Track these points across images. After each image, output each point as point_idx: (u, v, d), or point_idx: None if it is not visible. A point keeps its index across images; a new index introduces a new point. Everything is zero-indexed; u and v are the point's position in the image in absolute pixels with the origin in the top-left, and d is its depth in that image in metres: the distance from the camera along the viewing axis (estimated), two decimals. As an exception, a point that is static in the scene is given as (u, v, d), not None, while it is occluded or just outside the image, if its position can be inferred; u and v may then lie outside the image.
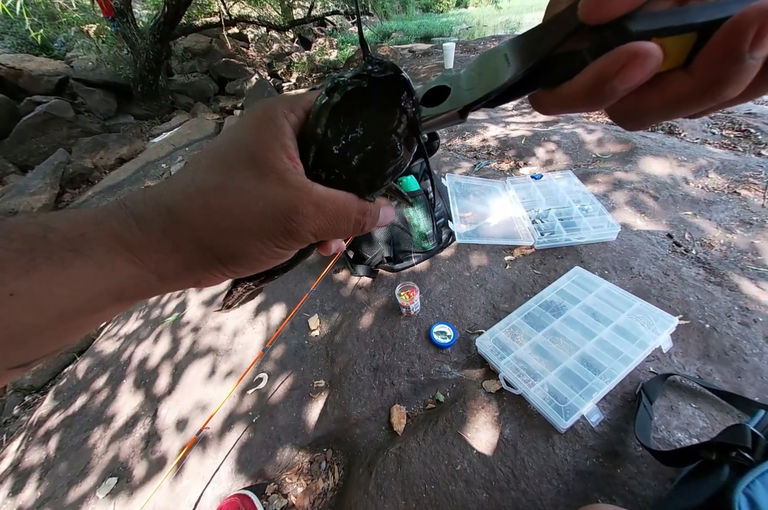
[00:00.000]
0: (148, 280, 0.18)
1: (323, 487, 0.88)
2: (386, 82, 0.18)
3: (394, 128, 0.18)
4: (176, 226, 0.18)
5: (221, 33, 6.04)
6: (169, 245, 0.18)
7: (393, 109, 0.18)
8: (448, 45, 3.18)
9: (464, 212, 1.34)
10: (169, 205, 0.18)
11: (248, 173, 0.18)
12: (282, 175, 0.18)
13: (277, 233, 0.18)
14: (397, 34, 7.00)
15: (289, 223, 0.18)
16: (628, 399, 0.80)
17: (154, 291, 0.19)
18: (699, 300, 0.94)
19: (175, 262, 0.18)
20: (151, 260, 0.18)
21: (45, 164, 3.62)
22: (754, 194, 1.27)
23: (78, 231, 0.17)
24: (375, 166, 0.19)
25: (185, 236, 0.18)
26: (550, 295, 1.00)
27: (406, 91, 0.18)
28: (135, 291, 0.18)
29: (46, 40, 5.15)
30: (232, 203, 0.18)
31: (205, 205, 0.18)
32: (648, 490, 0.67)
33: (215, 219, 0.18)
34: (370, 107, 0.18)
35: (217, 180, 0.18)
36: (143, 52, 4.28)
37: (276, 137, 0.19)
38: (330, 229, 0.20)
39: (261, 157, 0.18)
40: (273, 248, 0.19)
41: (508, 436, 0.79)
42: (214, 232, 0.18)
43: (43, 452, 1.26)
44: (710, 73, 0.12)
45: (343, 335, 1.15)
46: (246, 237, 0.18)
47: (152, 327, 1.56)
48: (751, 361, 0.81)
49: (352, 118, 0.18)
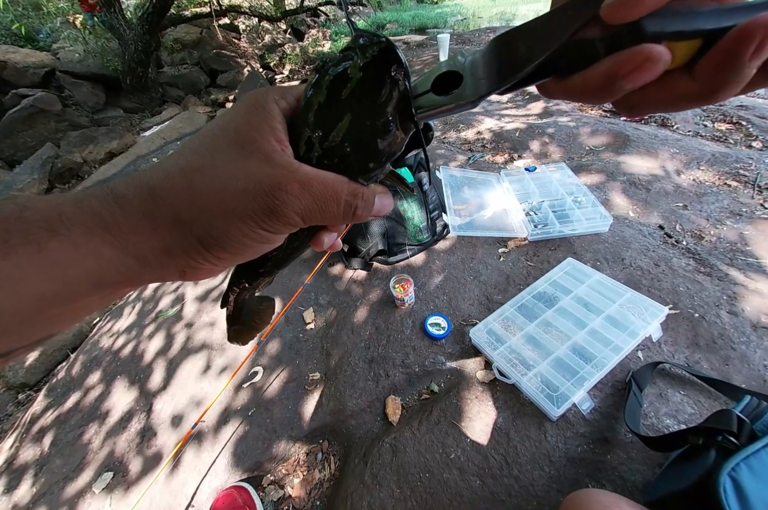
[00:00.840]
0: (127, 264, 0.17)
1: (319, 478, 0.88)
2: (373, 52, 0.17)
3: (384, 101, 0.17)
4: (157, 205, 0.17)
5: (212, 24, 5.92)
6: (149, 226, 0.17)
7: (381, 80, 0.17)
8: (442, 36, 3.14)
9: (459, 205, 1.34)
10: (151, 185, 0.18)
11: (233, 153, 0.18)
12: (268, 155, 0.18)
13: (260, 212, 0.17)
14: (391, 25, 6.90)
15: (272, 199, 0.17)
16: (618, 387, 0.81)
17: (135, 278, 0.18)
18: (689, 290, 0.95)
19: (155, 245, 0.18)
20: (129, 242, 0.17)
21: (33, 159, 3.55)
22: (744, 186, 1.29)
23: (56, 210, 0.16)
24: (365, 143, 0.18)
25: (165, 216, 0.17)
26: (543, 286, 1.01)
27: (396, 62, 0.17)
28: (114, 276, 0.17)
29: (31, 31, 5.02)
30: (215, 182, 0.17)
31: (188, 184, 0.17)
32: (637, 475, 0.69)
33: (196, 197, 0.17)
34: (356, 80, 0.17)
35: (202, 161, 0.18)
36: (132, 43, 4.19)
37: (265, 121, 0.18)
38: (317, 211, 0.19)
39: (248, 138, 0.18)
40: (256, 229, 0.18)
41: (501, 424, 0.80)
42: (194, 211, 0.17)
43: (38, 449, 1.25)
44: (712, 78, 0.13)
45: (338, 328, 1.15)
46: (227, 216, 0.17)
47: (146, 322, 1.55)
48: (738, 349, 0.82)
49: (338, 92, 0.17)
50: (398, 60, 0.17)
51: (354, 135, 0.18)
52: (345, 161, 0.19)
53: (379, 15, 8.03)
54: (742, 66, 0.12)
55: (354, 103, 0.17)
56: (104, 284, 0.17)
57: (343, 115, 0.18)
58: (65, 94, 4.29)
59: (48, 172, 3.53)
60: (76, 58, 4.55)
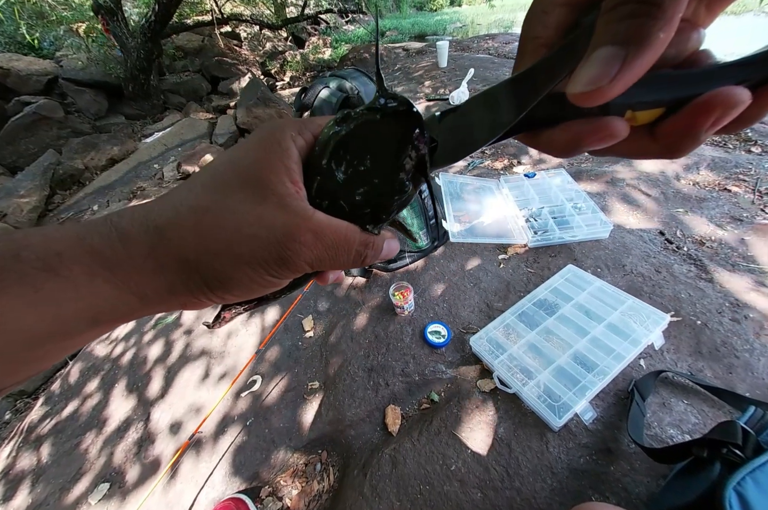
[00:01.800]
0: (129, 302, 0.17)
1: (318, 489, 0.87)
2: (398, 117, 0.17)
3: (403, 165, 0.18)
4: (163, 245, 0.17)
5: (213, 31, 5.99)
6: (153, 265, 0.17)
7: (404, 145, 0.17)
8: (441, 43, 3.17)
9: (458, 211, 1.34)
10: (158, 223, 0.17)
11: (246, 194, 0.17)
12: (282, 199, 0.17)
13: (270, 260, 0.17)
14: (391, 32, 6.98)
15: (284, 250, 0.17)
16: (621, 396, 0.80)
17: (135, 314, 0.18)
18: (690, 297, 0.95)
19: (159, 284, 0.17)
20: (131, 281, 0.16)
21: (34, 165, 3.57)
22: (744, 191, 1.28)
23: (54, 249, 0.15)
24: (381, 200, 0.19)
25: (171, 256, 0.17)
26: (543, 294, 1.00)
27: (419, 128, 0.17)
28: (113, 314, 0.17)
29: (35, 39, 5.08)
30: (225, 224, 0.17)
31: (196, 224, 0.17)
32: (641, 487, 0.67)
33: (205, 239, 0.17)
34: (380, 142, 0.18)
35: (212, 199, 0.17)
36: (134, 51, 4.23)
37: (281, 159, 0.18)
38: (328, 260, 0.18)
39: (262, 178, 0.17)
40: (264, 276, 0.18)
41: (503, 435, 0.79)
42: (202, 253, 0.17)
43: (35, 458, 1.24)
44: (671, 141, 0.14)
45: (337, 336, 1.15)
46: (236, 262, 0.17)
47: (145, 330, 1.54)
48: (741, 357, 0.81)
49: (361, 150, 0.18)
50: (421, 127, 0.17)
51: (373, 192, 0.18)
52: (359, 212, 0.19)
53: (379, 22, 8.13)
54: (699, 134, 0.13)
55: (374, 163, 0.18)
56: (102, 322, 0.17)
57: (364, 173, 0.18)
58: (68, 101, 4.33)
59: (49, 178, 3.54)
60: (79, 65, 4.60)
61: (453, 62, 3.27)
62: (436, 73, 3.10)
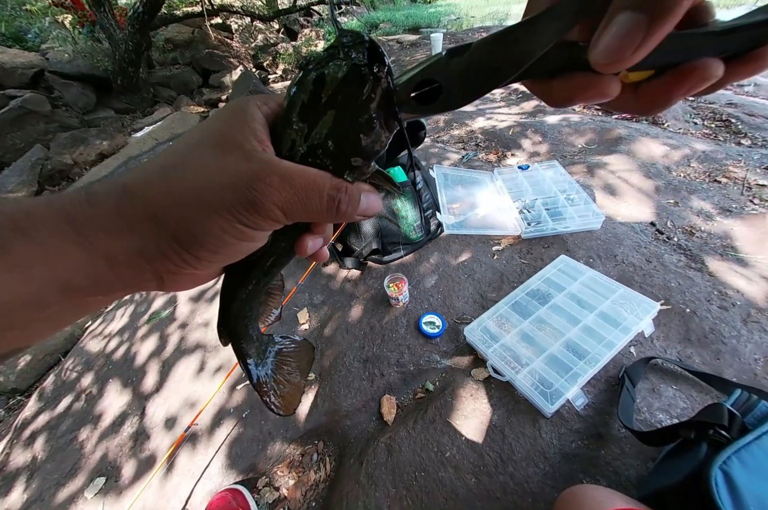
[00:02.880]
0: (97, 266, 0.16)
1: (315, 479, 0.88)
2: (357, 51, 0.17)
3: (368, 98, 0.17)
4: (130, 201, 0.17)
5: (204, 23, 5.87)
6: (122, 224, 0.17)
7: (365, 77, 0.17)
8: (435, 36, 3.14)
9: (452, 203, 1.34)
10: (126, 182, 0.17)
11: (212, 151, 0.18)
12: (248, 153, 0.17)
13: (238, 204, 0.17)
14: (384, 24, 6.89)
15: (251, 191, 0.17)
16: (611, 383, 0.81)
17: (105, 284, 0.17)
18: (680, 286, 0.96)
19: (128, 245, 0.17)
20: (100, 242, 0.16)
21: (22, 161, 3.50)
22: (734, 182, 1.30)
23: (23, 210, 0.15)
24: (349, 139, 0.18)
25: (139, 213, 0.17)
26: (536, 284, 1.01)
27: (379, 60, 0.17)
28: (82, 279, 0.16)
29: (19, 31, 4.94)
30: (192, 177, 0.17)
31: (163, 180, 0.17)
32: (631, 470, 0.69)
33: (172, 194, 0.17)
34: (341, 78, 0.17)
35: (180, 158, 0.18)
36: (122, 43, 4.13)
37: (246, 122, 0.18)
38: (300, 204, 0.18)
39: (228, 137, 0.18)
40: (235, 224, 0.17)
41: (496, 422, 0.80)
42: (170, 207, 0.17)
43: (29, 454, 1.23)
44: (648, 102, 0.15)
45: (332, 328, 1.15)
46: (204, 210, 0.17)
47: (138, 325, 1.53)
48: (729, 344, 0.83)
49: (324, 91, 0.17)
50: (381, 58, 0.17)
51: (338, 131, 0.18)
52: (328, 158, 0.19)
53: (372, 14, 8.01)
54: (673, 98, 0.15)
55: (338, 100, 0.17)
56: (71, 289, 0.16)
57: (327, 112, 0.18)
58: (55, 95, 4.22)
59: (38, 174, 3.48)
60: (66, 58, 4.49)
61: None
62: (430, 66, 3.08)
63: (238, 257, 0.20)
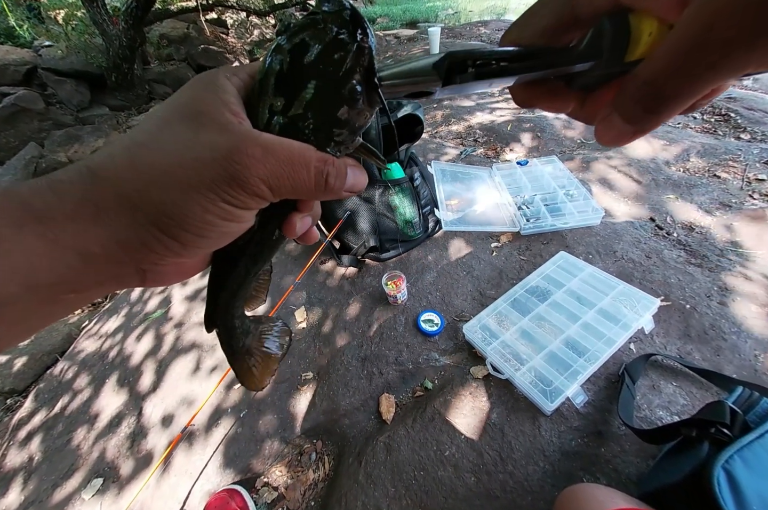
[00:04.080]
0: (66, 260, 0.15)
1: (314, 478, 0.87)
2: (337, 17, 0.16)
3: (351, 67, 0.16)
4: (97, 186, 0.15)
5: (198, 18, 5.79)
6: (90, 211, 0.15)
7: (347, 46, 0.16)
8: (433, 30, 3.10)
9: (450, 200, 1.32)
10: (90, 165, 0.16)
11: (183, 126, 0.16)
12: (223, 126, 0.16)
13: (220, 180, 0.15)
14: (382, 19, 6.82)
15: (232, 164, 0.15)
16: (611, 380, 0.81)
17: (78, 280, 0.16)
18: (680, 281, 0.95)
19: (100, 234, 0.15)
20: (66, 232, 0.15)
21: (16, 159, 3.46)
22: (733, 177, 1.29)
23: None
24: (331, 110, 0.17)
25: (108, 197, 0.15)
26: (535, 281, 1.00)
27: (360, 29, 0.16)
28: (49, 276, 0.15)
29: (11, 27, 4.87)
30: (164, 152, 0.16)
31: (131, 159, 0.16)
32: (631, 468, 0.68)
33: (143, 172, 0.15)
34: (324, 46, 0.16)
35: (148, 135, 0.16)
36: (116, 38, 4.07)
37: (216, 94, 0.17)
38: (286, 178, 0.17)
39: (199, 110, 0.16)
40: (219, 203, 0.16)
41: (495, 420, 0.79)
42: (142, 186, 0.15)
43: (26, 455, 1.23)
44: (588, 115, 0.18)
45: (330, 326, 1.14)
46: (181, 188, 0.15)
47: (134, 324, 1.52)
48: (729, 340, 0.82)
49: (305, 58, 0.16)
50: (363, 26, 0.16)
51: (319, 102, 0.17)
52: (310, 130, 0.17)
53: (369, 9, 7.93)
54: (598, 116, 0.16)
55: (319, 69, 0.16)
56: (38, 286, 0.15)
57: (308, 82, 0.16)
58: (48, 92, 4.17)
59: (32, 172, 3.44)
60: (59, 54, 4.42)
61: (445, 49, 3.19)
62: (427, 61, 3.05)
63: (224, 241, 0.19)
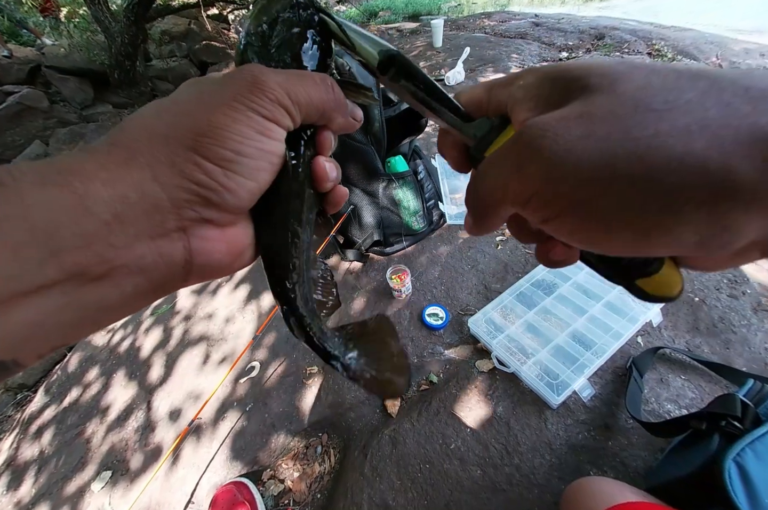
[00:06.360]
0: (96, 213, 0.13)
1: (319, 471, 0.88)
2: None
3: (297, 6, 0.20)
4: (125, 132, 0.16)
5: (200, 14, 5.76)
6: (122, 155, 0.15)
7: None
8: (436, 22, 3.06)
9: (455, 193, 1.31)
10: (119, 124, 0.16)
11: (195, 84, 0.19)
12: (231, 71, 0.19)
13: (243, 90, 0.17)
14: (384, 12, 6.72)
15: (248, 74, 0.17)
16: (619, 373, 0.80)
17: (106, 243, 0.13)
18: (689, 274, 0.94)
19: (135, 175, 0.14)
20: (95, 183, 0.13)
21: (21, 157, 3.49)
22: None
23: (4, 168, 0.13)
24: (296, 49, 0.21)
25: (140, 137, 0.15)
26: (541, 274, 0.99)
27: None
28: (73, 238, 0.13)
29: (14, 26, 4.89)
30: (185, 93, 0.18)
31: (156, 106, 0.17)
32: (639, 461, 0.68)
33: (169, 109, 0.17)
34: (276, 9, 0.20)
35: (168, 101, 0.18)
36: (118, 35, 4.06)
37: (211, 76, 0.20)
38: (300, 85, 0.18)
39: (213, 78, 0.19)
40: (246, 112, 0.17)
41: (501, 413, 0.79)
42: (171, 119, 0.16)
43: (36, 448, 1.25)
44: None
45: (335, 321, 1.14)
46: (209, 108, 0.16)
47: (142, 319, 1.53)
48: (739, 333, 0.81)
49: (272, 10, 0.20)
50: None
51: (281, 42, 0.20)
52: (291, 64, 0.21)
53: (371, 2, 7.84)
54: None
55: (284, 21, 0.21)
56: (62, 251, 0.12)
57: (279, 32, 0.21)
58: (52, 90, 4.18)
59: (38, 170, 3.48)
60: (62, 52, 4.44)
61: (448, 42, 3.16)
62: (431, 54, 3.01)
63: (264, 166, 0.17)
